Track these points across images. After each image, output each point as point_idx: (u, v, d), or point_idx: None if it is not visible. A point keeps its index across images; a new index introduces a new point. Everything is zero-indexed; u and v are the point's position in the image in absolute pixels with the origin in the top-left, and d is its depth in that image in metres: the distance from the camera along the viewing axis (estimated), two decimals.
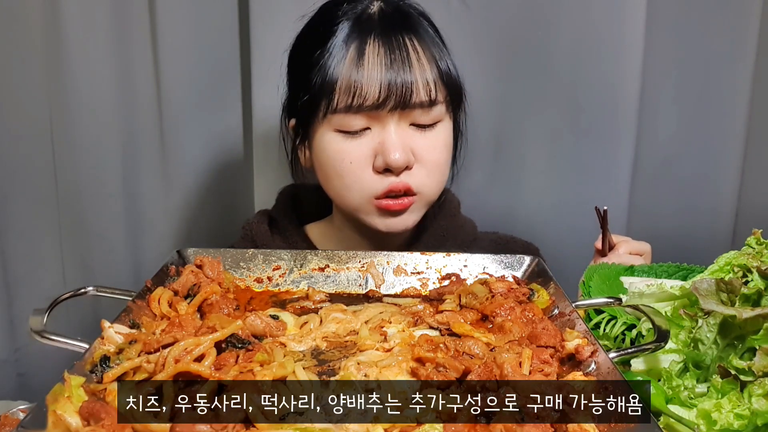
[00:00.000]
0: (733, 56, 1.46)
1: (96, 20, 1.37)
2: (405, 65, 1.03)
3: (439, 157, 1.09)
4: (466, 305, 0.88)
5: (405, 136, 1.06)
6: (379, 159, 1.05)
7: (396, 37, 1.04)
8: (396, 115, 1.04)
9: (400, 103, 1.03)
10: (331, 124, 1.06)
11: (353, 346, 0.81)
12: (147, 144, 1.48)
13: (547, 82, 1.46)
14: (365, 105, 1.02)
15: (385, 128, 1.05)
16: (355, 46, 1.03)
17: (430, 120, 1.07)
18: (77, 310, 1.46)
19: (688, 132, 1.52)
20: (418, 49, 1.06)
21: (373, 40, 1.03)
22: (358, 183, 1.07)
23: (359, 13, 1.07)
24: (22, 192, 1.44)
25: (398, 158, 1.03)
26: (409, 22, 1.08)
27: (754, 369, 0.71)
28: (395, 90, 1.02)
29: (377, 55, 1.03)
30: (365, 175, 1.06)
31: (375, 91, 1.02)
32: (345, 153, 1.06)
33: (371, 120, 1.05)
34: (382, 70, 1.02)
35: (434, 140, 1.08)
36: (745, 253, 0.85)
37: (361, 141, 1.06)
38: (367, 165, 1.06)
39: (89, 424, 0.59)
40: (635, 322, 0.92)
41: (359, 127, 1.05)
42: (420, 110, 1.05)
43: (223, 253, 0.99)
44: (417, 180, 1.07)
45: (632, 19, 1.41)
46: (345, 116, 1.04)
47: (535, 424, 0.62)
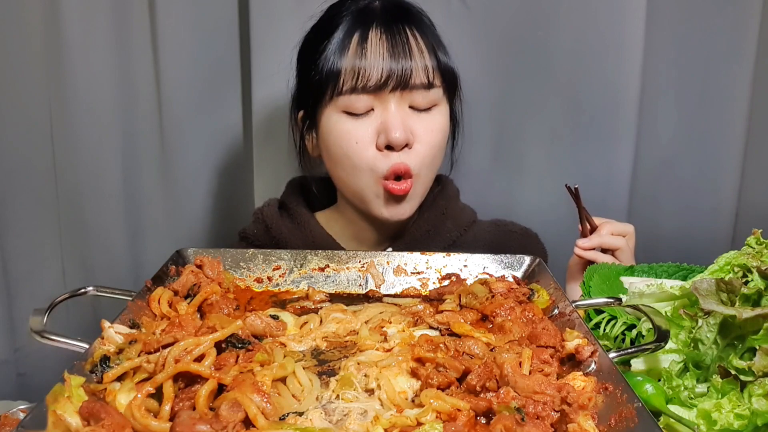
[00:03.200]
0: (733, 56, 1.46)
1: (96, 20, 1.37)
2: (405, 51, 1.11)
3: (435, 138, 1.16)
4: (466, 305, 0.88)
5: (406, 115, 1.13)
6: (382, 137, 1.12)
7: (397, 27, 1.13)
8: (396, 97, 1.12)
9: (401, 84, 1.11)
10: (338, 106, 1.13)
11: (353, 346, 0.81)
12: (147, 144, 1.48)
13: (547, 82, 1.46)
14: (369, 85, 1.10)
15: (387, 109, 1.12)
16: (359, 34, 1.12)
17: (427, 103, 1.15)
18: (77, 310, 1.46)
19: (688, 132, 1.52)
20: (418, 38, 1.14)
21: (375, 28, 1.12)
22: (364, 161, 1.14)
23: (362, 8, 1.15)
24: (22, 192, 1.44)
25: (399, 136, 1.11)
26: (409, 15, 1.17)
27: (754, 369, 0.71)
28: (396, 72, 1.10)
29: (380, 41, 1.11)
30: (369, 153, 1.13)
31: (377, 74, 1.10)
32: (351, 133, 1.13)
33: (374, 100, 1.12)
34: (385, 54, 1.11)
35: (431, 122, 1.16)
36: (745, 253, 0.85)
37: (366, 121, 1.13)
38: (371, 143, 1.13)
39: (89, 424, 0.59)
40: (635, 322, 0.92)
41: (363, 109, 1.13)
42: (419, 92, 1.13)
43: (223, 253, 0.99)
44: (415, 160, 1.14)
45: (632, 19, 1.41)
46: (350, 97, 1.12)
47: (535, 424, 0.62)
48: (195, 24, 1.43)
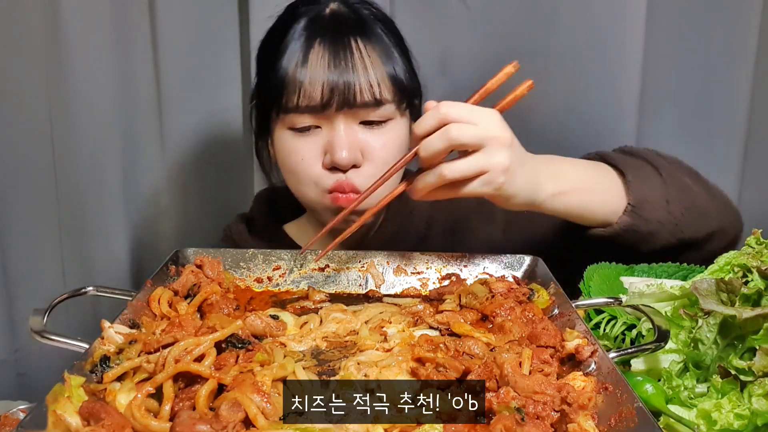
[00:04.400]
0: (733, 56, 1.46)
1: (96, 20, 1.37)
2: (348, 66, 1.04)
3: (388, 155, 1.08)
4: (466, 305, 0.88)
5: (354, 134, 1.07)
6: (328, 156, 1.06)
7: (342, 39, 1.06)
8: (344, 114, 1.06)
9: (345, 103, 1.04)
10: (284, 123, 1.09)
11: (353, 346, 0.81)
12: (147, 144, 1.48)
13: (547, 81, 1.46)
14: (311, 105, 1.04)
15: (334, 127, 1.06)
16: (302, 47, 1.06)
17: (379, 118, 1.08)
18: (77, 310, 1.46)
19: (688, 132, 1.52)
20: (365, 51, 1.07)
21: (319, 42, 1.06)
22: (311, 178, 1.09)
23: (313, 16, 1.09)
24: (22, 192, 1.44)
25: (344, 157, 1.04)
26: (359, 25, 1.10)
27: (754, 369, 0.71)
28: (338, 90, 1.03)
29: (321, 57, 1.05)
30: (316, 170, 1.08)
31: (318, 92, 1.04)
32: (296, 150, 1.08)
33: (320, 119, 1.06)
34: (324, 71, 1.04)
35: (384, 138, 1.09)
36: (745, 253, 0.85)
37: (312, 138, 1.08)
38: (317, 161, 1.08)
39: (89, 424, 0.59)
40: (635, 322, 0.92)
41: (308, 126, 1.07)
42: (368, 109, 1.06)
43: (223, 253, 0.99)
44: (364, 179, 1.07)
45: (632, 19, 1.41)
46: (294, 116, 1.06)
47: (535, 424, 0.62)
48: (195, 24, 1.43)
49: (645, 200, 1.02)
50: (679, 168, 1.11)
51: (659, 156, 1.11)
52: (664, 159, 1.11)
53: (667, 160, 1.11)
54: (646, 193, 1.02)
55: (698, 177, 1.12)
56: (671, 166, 1.09)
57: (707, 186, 1.11)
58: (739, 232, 1.13)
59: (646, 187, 1.03)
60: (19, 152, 1.41)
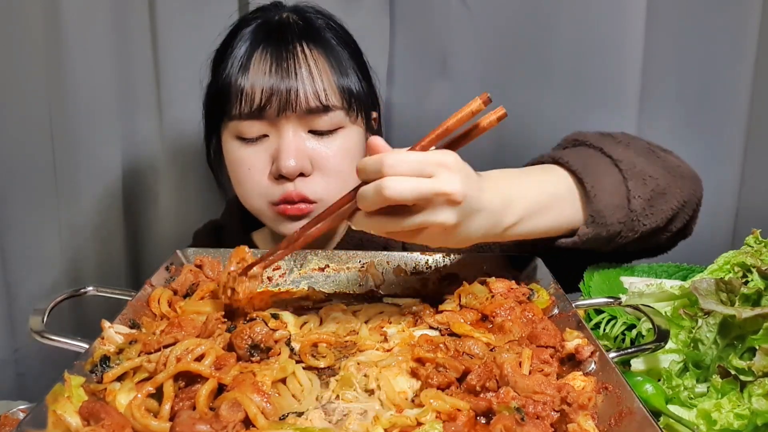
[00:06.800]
0: (733, 56, 1.46)
1: (96, 20, 1.37)
2: (291, 71, 1.03)
3: (339, 163, 1.07)
4: (466, 305, 0.88)
5: (301, 141, 1.05)
6: (275, 166, 1.05)
7: (287, 45, 1.05)
8: (292, 122, 1.04)
9: (286, 107, 1.03)
10: (231, 132, 1.07)
11: (353, 346, 0.81)
12: (147, 144, 1.48)
13: (547, 81, 1.46)
14: (252, 110, 1.03)
15: (282, 135, 1.05)
16: (246, 53, 1.05)
17: (328, 126, 1.06)
18: (77, 310, 1.46)
19: (688, 132, 1.52)
20: (312, 57, 1.06)
21: (263, 47, 1.05)
22: (257, 189, 1.07)
23: (261, 22, 1.09)
24: (22, 192, 1.44)
25: (291, 165, 1.03)
26: (308, 32, 1.08)
27: (754, 369, 0.71)
28: (279, 95, 1.02)
29: (263, 62, 1.04)
30: (263, 181, 1.07)
31: (258, 96, 1.03)
32: (243, 160, 1.07)
33: (268, 127, 1.05)
34: (265, 76, 1.03)
35: (333, 147, 1.07)
36: (745, 253, 0.85)
37: (259, 148, 1.06)
38: (264, 171, 1.06)
39: (89, 424, 0.59)
40: (635, 322, 0.92)
41: (256, 134, 1.06)
42: (316, 116, 1.05)
43: (223, 253, 0.99)
44: (313, 188, 1.06)
45: (632, 19, 1.41)
46: (240, 123, 1.05)
47: (535, 424, 0.62)
48: (195, 24, 1.43)
49: (606, 207, 0.96)
50: (635, 149, 1.03)
51: (612, 138, 1.04)
52: (618, 142, 1.03)
53: (621, 141, 1.04)
54: (607, 200, 0.96)
55: (652, 151, 1.04)
56: (627, 150, 1.01)
57: (663, 161, 1.04)
58: (701, 197, 1.08)
59: (606, 193, 0.96)
60: (19, 152, 1.42)
